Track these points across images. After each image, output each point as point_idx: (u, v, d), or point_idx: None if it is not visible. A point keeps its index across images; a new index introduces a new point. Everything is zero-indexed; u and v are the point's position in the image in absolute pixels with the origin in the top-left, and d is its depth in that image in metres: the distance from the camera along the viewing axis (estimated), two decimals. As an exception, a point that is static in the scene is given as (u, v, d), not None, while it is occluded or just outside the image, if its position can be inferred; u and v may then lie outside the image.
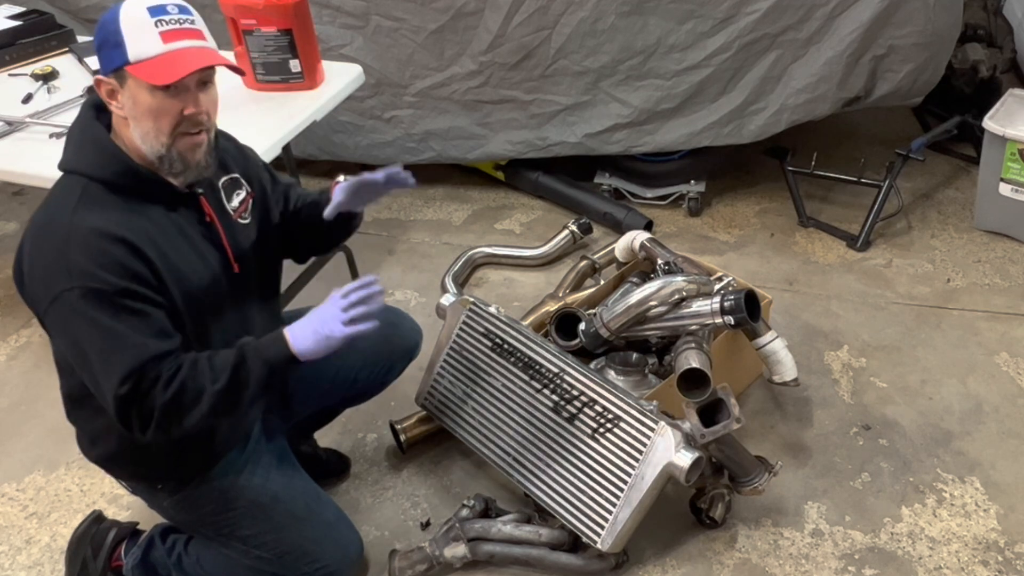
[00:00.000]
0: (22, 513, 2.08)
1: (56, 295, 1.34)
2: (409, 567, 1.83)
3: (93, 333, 1.35)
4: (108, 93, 1.40)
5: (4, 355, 2.59)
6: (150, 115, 1.38)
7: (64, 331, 1.39)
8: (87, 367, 1.38)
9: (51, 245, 1.36)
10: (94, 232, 1.36)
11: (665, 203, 3.10)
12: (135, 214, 1.41)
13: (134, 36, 1.34)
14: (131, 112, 1.39)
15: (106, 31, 1.36)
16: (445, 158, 3.10)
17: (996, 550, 1.88)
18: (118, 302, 1.35)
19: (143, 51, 1.35)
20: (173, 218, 1.47)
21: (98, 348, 1.36)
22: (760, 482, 1.87)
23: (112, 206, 1.40)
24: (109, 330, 1.35)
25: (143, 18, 1.35)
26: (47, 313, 1.38)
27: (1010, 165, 2.71)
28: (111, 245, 1.36)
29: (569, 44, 2.78)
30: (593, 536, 1.76)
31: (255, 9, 2.23)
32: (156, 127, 1.39)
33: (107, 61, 1.37)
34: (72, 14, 3.08)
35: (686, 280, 2.00)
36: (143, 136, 1.40)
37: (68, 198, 1.40)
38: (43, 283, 1.37)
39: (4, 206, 3.35)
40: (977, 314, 2.56)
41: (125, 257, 1.36)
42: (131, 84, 1.36)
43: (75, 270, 1.33)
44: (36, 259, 1.38)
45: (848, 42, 2.66)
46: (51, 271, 1.36)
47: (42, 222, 1.41)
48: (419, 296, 2.75)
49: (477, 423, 1.98)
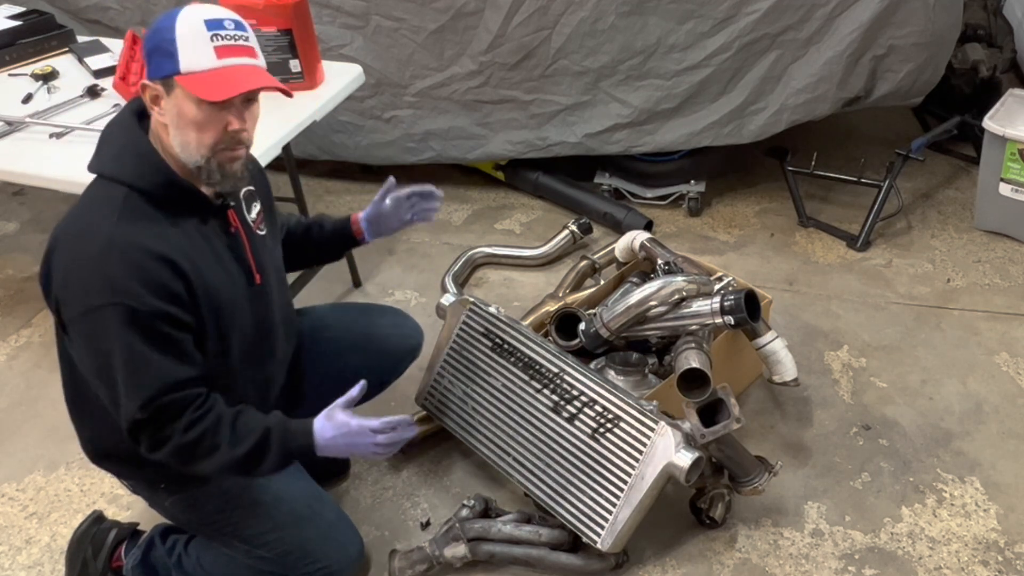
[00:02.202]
0: (22, 513, 2.08)
1: (92, 307, 1.33)
2: (409, 567, 1.83)
3: (123, 353, 1.34)
4: (152, 98, 1.38)
5: (4, 355, 2.59)
6: (194, 127, 1.38)
7: (93, 344, 1.37)
8: (108, 384, 1.38)
9: (90, 254, 1.34)
10: (138, 248, 1.34)
11: (665, 203, 3.10)
12: (173, 227, 1.41)
13: (188, 47, 1.34)
14: (173, 120, 1.38)
15: (160, 37, 1.34)
16: (445, 158, 3.10)
17: (996, 550, 1.88)
18: (153, 325, 1.35)
19: (196, 63, 1.34)
20: (203, 230, 1.47)
21: (125, 368, 1.35)
22: (760, 482, 1.87)
23: (153, 219, 1.39)
24: (140, 353, 1.35)
25: (200, 30, 1.34)
26: (77, 322, 1.36)
27: (1010, 165, 2.71)
28: (154, 263, 1.35)
29: (569, 44, 2.78)
30: (593, 536, 1.76)
31: (255, 9, 2.23)
32: (198, 139, 1.39)
33: (156, 67, 1.36)
34: (72, 14, 3.08)
35: (686, 280, 2.00)
36: (183, 145, 1.39)
37: (108, 206, 1.37)
38: (78, 291, 1.35)
39: (4, 206, 3.35)
40: (977, 314, 2.56)
41: (166, 277, 1.36)
42: (178, 93, 1.36)
43: (116, 286, 1.32)
44: (71, 266, 1.36)
45: (848, 42, 2.66)
46: (89, 281, 1.34)
47: (79, 228, 1.38)
48: (419, 296, 2.75)
49: (477, 423, 1.98)
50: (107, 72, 2.41)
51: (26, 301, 2.81)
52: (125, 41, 2.22)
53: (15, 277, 2.94)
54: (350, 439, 1.51)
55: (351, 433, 1.51)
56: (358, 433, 1.51)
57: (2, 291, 2.87)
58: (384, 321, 1.98)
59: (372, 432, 1.52)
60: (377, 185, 1.87)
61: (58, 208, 3.27)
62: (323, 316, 1.95)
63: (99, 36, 2.70)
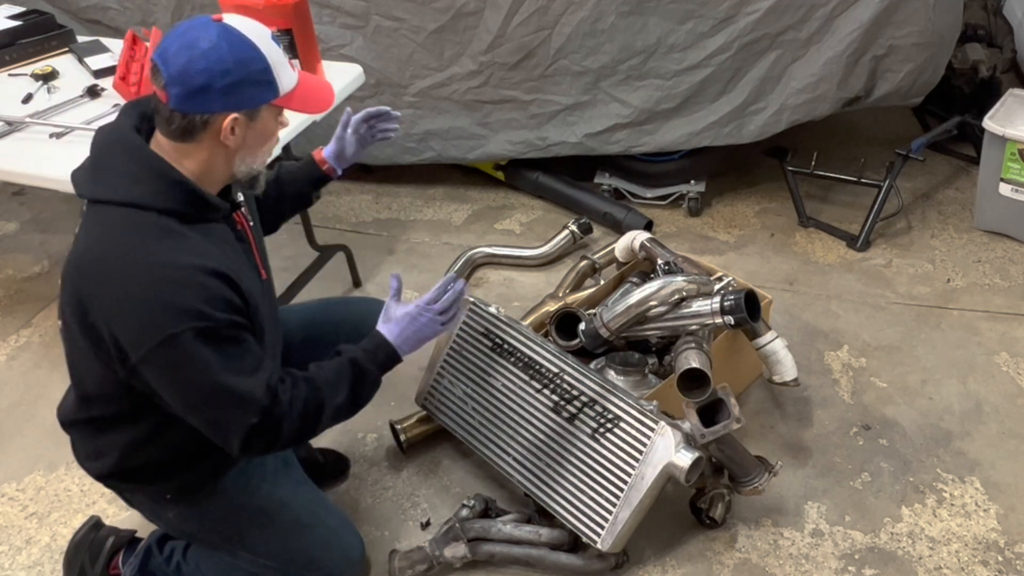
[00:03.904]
0: (22, 513, 2.08)
1: (164, 338, 1.29)
2: (409, 567, 1.83)
3: (212, 371, 1.32)
4: (229, 129, 1.34)
5: (4, 355, 2.59)
6: (267, 138, 1.42)
7: (179, 374, 1.33)
8: (207, 406, 1.37)
9: (140, 287, 1.30)
10: (191, 268, 1.31)
11: (665, 203, 3.10)
12: (205, 240, 1.38)
13: (280, 71, 1.36)
14: (252, 141, 1.38)
15: (250, 68, 1.32)
16: (445, 158, 3.10)
17: (996, 550, 1.88)
18: (230, 336, 1.35)
19: (288, 83, 1.38)
20: (223, 236, 1.45)
21: (220, 386, 1.33)
22: (760, 482, 1.87)
23: (188, 238, 1.36)
24: (227, 367, 1.34)
25: (278, 52, 1.36)
26: (153, 358, 1.31)
27: (1010, 165, 2.71)
28: (209, 279, 1.32)
29: (569, 44, 2.78)
30: (593, 536, 1.76)
31: (255, 9, 2.23)
32: (268, 148, 1.44)
33: (251, 99, 1.34)
34: (72, 14, 3.08)
35: (686, 280, 2.00)
36: (252, 160, 1.42)
37: (138, 234, 1.33)
38: (140, 327, 1.30)
39: (4, 206, 3.35)
40: (977, 314, 2.56)
41: (225, 291, 1.34)
42: (264, 115, 1.37)
43: (184, 311, 1.29)
44: (122, 303, 1.31)
45: (848, 42, 2.66)
46: (150, 315, 1.29)
47: (116, 263, 1.32)
48: (419, 296, 2.74)
49: (477, 423, 1.98)
50: (107, 72, 2.41)
51: (26, 301, 2.81)
52: (125, 41, 2.22)
53: (15, 277, 2.94)
54: (416, 325, 1.57)
55: (414, 318, 1.57)
56: (419, 314, 1.57)
57: (2, 291, 2.87)
58: (371, 308, 1.97)
59: (429, 306, 1.58)
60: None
61: (58, 208, 3.27)
62: (310, 313, 1.95)
63: (99, 36, 2.70)
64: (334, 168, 1.86)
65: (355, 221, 3.14)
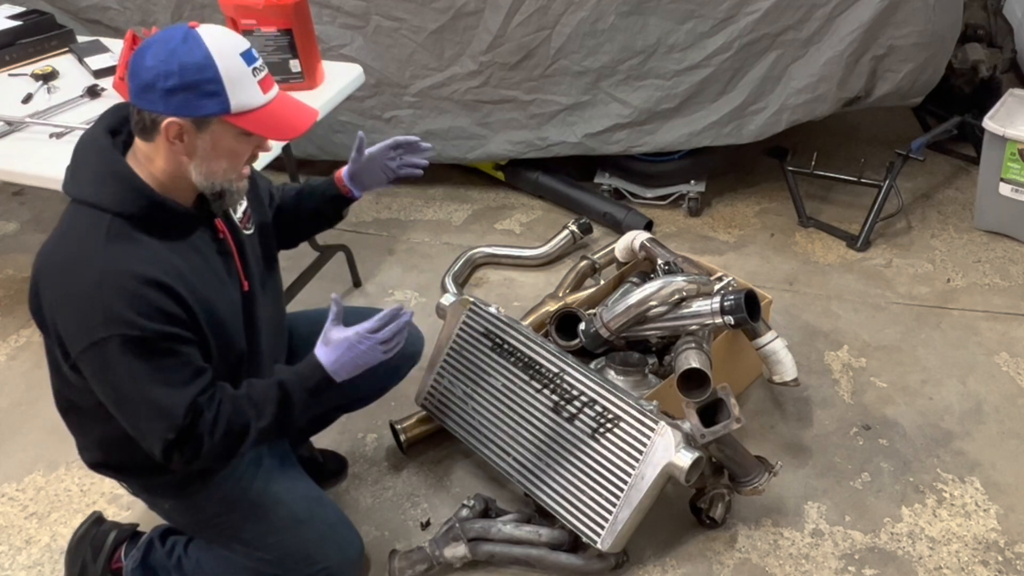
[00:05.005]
0: (22, 513, 2.08)
1: (94, 341, 1.31)
2: (409, 567, 1.83)
3: (135, 380, 1.34)
4: (176, 134, 1.32)
5: (4, 355, 2.59)
6: (227, 156, 1.37)
7: (105, 377, 1.36)
8: (129, 413, 1.38)
9: (82, 288, 1.31)
10: (130, 276, 1.31)
11: (665, 203, 3.10)
12: (163, 248, 1.38)
13: (237, 87, 1.31)
14: (203, 153, 1.35)
15: (196, 76, 1.28)
16: (445, 158, 3.10)
17: (996, 550, 1.88)
18: (159, 347, 1.34)
19: (247, 102, 1.33)
20: (191, 242, 1.44)
21: (141, 396, 1.35)
22: (760, 482, 1.87)
23: (140, 243, 1.36)
24: (151, 378, 1.34)
25: (241, 68, 1.31)
26: (84, 357, 1.34)
27: (1010, 165, 2.71)
28: (148, 290, 1.32)
29: (569, 44, 2.78)
30: (593, 536, 1.76)
31: (255, 9, 2.23)
32: (231, 166, 1.39)
33: (193, 107, 1.30)
34: (72, 14, 3.08)
35: (686, 280, 2.00)
36: (208, 174, 1.37)
37: (92, 234, 1.34)
38: (78, 327, 1.33)
39: (4, 206, 3.35)
40: (977, 314, 2.56)
41: (163, 301, 1.34)
42: (216, 128, 1.33)
43: (114, 317, 1.30)
44: (65, 301, 1.34)
45: (848, 42, 2.66)
46: (86, 315, 1.31)
47: (65, 259, 1.35)
48: (419, 296, 2.75)
49: (477, 423, 1.98)
50: (107, 72, 2.41)
51: (26, 301, 2.79)
52: (125, 41, 2.22)
53: (15, 277, 2.94)
54: (354, 351, 1.50)
55: (353, 345, 1.50)
56: (359, 341, 1.50)
57: (2, 291, 2.87)
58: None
59: (371, 334, 1.50)
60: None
61: (58, 208, 3.25)
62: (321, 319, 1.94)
63: (99, 36, 2.70)
64: (350, 190, 1.79)
65: (355, 221, 3.14)
